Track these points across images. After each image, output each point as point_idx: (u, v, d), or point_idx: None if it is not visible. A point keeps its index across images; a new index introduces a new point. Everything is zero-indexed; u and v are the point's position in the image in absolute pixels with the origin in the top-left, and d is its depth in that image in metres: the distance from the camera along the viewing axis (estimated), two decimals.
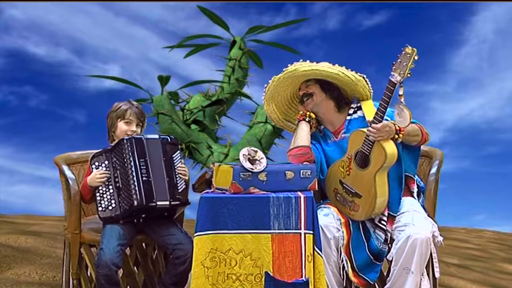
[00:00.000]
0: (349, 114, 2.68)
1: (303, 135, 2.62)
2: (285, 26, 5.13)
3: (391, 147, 2.42)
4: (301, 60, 2.59)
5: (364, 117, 2.59)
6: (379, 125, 2.40)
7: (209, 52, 5.15)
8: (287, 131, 2.90)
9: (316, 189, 2.44)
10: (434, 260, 2.47)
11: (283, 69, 2.60)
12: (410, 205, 2.56)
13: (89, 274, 2.70)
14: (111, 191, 2.57)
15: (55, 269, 3.70)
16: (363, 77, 2.60)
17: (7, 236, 4.69)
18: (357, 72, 2.59)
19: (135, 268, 2.76)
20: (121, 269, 2.56)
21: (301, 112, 2.67)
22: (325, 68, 2.54)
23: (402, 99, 2.38)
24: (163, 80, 4.55)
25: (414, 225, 2.42)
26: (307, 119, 2.66)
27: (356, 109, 2.68)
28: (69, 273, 2.68)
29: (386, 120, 2.45)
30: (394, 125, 2.43)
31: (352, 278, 2.49)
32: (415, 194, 2.65)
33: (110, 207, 2.56)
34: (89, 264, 2.66)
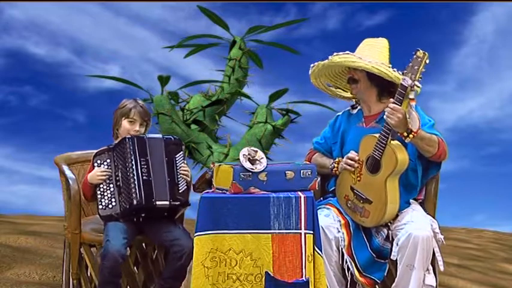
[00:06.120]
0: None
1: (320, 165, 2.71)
2: (285, 26, 5.10)
3: (402, 153, 2.42)
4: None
5: None
6: (397, 108, 2.36)
7: (209, 52, 5.12)
8: (288, 130, 2.91)
9: (317, 188, 2.44)
10: (437, 254, 2.46)
11: (329, 57, 2.60)
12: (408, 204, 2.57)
13: (89, 274, 2.70)
14: (112, 189, 2.58)
15: (55, 269, 3.70)
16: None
17: (7, 236, 4.69)
18: (395, 70, 2.51)
19: (135, 268, 2.76)
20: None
21: (334, 164, 2.69)
22: (362, 64, 2.51)
23: (413, 103, 2.36)
24: (163, 80, 4.53)
25: (414, 222, 2.43)
26: (333, 171, 2.69)
27: None
28: (69, 273, 2.69)
29: None
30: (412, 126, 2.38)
31: (360, 279, 2.49)
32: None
33: (110, 206, 2.57)
34: (89, 264, 2.66)
